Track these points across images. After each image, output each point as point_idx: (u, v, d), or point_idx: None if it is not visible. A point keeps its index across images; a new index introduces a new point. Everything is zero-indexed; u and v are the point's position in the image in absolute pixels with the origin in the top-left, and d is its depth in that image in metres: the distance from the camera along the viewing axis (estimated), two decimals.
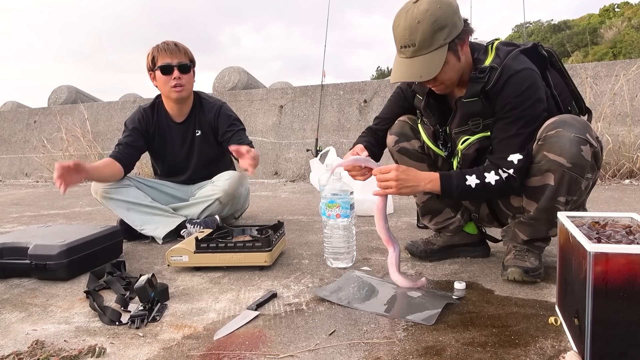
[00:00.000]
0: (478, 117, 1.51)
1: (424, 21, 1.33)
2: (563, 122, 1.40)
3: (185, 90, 2.39)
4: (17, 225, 3.00)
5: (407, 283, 1.47)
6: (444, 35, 1.36)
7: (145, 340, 1.21)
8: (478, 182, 1.45)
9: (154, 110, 2.50)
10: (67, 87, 7.42)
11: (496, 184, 1.44)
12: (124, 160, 2.35)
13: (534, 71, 1.45)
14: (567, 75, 1.61)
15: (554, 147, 1.38)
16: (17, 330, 1.31)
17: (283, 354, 1.10)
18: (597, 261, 0.90)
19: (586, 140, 1.37)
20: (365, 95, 5.19)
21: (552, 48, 1.61)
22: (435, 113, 1.61)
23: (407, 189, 1.48)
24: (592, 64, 4.47)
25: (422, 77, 1.40)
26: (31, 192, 5.25)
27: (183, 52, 2.38)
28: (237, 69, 6.19)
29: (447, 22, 1.35)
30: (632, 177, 3.96)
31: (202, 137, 2.51)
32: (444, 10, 1.35)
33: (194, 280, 1.68)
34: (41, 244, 1.76)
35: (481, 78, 1.45)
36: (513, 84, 1.42)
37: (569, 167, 1.38)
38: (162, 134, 2.51)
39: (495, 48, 1.49)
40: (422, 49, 1.37)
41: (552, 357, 1.04)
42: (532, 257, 1.54)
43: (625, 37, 25.47)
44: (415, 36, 1.35)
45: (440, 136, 1.65)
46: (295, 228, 2.51)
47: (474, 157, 1.56)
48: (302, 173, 5.18)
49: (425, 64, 1.38)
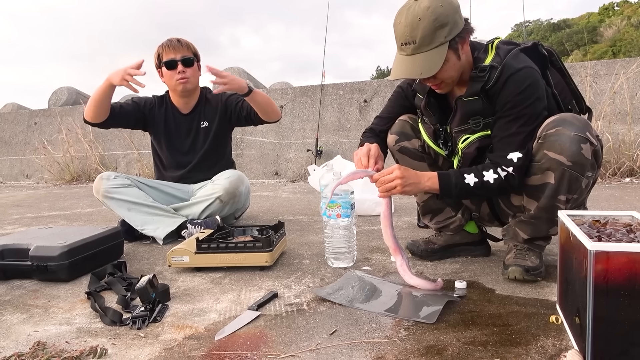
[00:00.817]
0: (478, 116, 1.51)
1: (425, 18, 1.34)
2: (563, 120, 1.40)
3: (190, 82, 2.45)
4: (18, 227, 3.00)
5: (428, 285, 1.45)
6: (445, 33, 1.36)
7: (147, 341, 1.22)
8: (477, 180, 1.45)
9: (162, 101, 2.59)
10: (68, 88, 7.42)
11: (495, 183, 1.44)
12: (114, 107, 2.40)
13: (534, 70, 1.46)
14: (567, 74, 1.61)
15: (554, 145, 1.38)
16: (19, 332, 1.31)
17: (284, 354, 1.10)
18: (598, 260, 0.90)
19: (586, 138, 1.37)
20: (365, 95, 5.20)
21: (552, 47, 1.61)
22: (436, 112, 1.61)
23: (410, 187, 1.48)
24: (592, 63, 4.47)
25: (423, 74, 1.40)
26: (32, 193, 5.26)
27: (186, 46, 2.44)
28: (237, 69, 6.19)
29: (448, 20, 1.35)
30: (632, 176, 3.96)
31: (208, 128, 2.57)
32: (445, 8, 1.35)
33: (195, 281, 1.69)
34: (42, 245, 1.76)
35: (481, 77, 1.45)
36: (513, 82, 1.42)
37: (569, 165, 1.38)
38: (168, 125, 2.57)
39: (496, 47, 1.50)
40: (423, 46, 1.37)
41: (553, 356, 1.04)
42: (533, 256, 1.54)
43: (624, 35, 25.45)
44: (416, 33, 1.35)
45: (441, 135, 1.65)
46: (296, 228, 2.51)
47: (475, 156, 1.56)
48: (303, 173, 5.18)
49: (425, 61, 1.38)
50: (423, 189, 1.50)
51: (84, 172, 6.33)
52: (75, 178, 6.30)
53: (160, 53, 2.43)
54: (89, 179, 6.14)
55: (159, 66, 2.46)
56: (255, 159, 5.49)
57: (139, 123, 2.57)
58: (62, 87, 7.44)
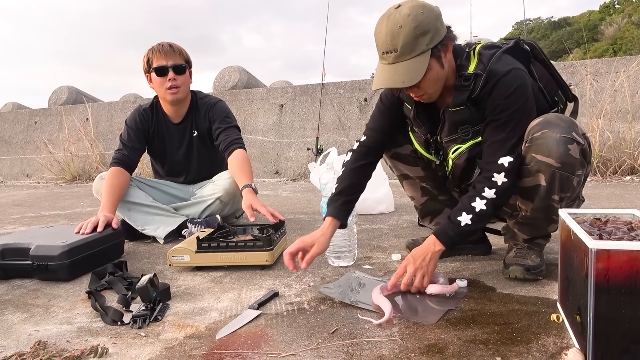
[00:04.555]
0: (467, 125, 1.50)
1: (405, 26, 1.30)
2: (548, 122, 1.38)
3: (181, 91, 2.36)
4: (18, 226, 3.01)
5: (441, 289, 1.40)
6: (427, 41, 1.32)
7: (148, 340, 1.22)
8: (471, 216, 1.40)
9: (152, 111, 2.49)
10: (68, 87, 7.42)
11: (488, 206, 1.39)
12: (130, 165, 2.37)
13: (520, 70, 1.44)
14: (550, 65, 1.60)
15: (541, 148, 1.37)
16: (20, 331, 1.31)
17: (285, 353, 1.10)
18: (599, 258, 0.90)
19: (572, 139, 1.35)
20: (366, 94, 5.19)
21: (533, 40, 1.60)
22: (425, 122, 1.59)
23: (428, 263, 1.41)
24: (593, 61, 4.46)
25: (405, 82, 1.35)
26: (32, 192, 5.26)
27: (178, 52, 2.35)
28: (237, 68, 6.19)
29: (430, 28, 1.32)
30: (633, 174, 3.95)
31: (199, 138, 2.51)
32: (426, 16, 1.31)
33: (196, 280, 1.69)
34: (43, 244, 1.76)
35: (466, 86, 1.43)
36: (501, 86, 1.40)
37: (558, 167, 1.36)
38: (161, 135, 2.51)
39: (478, 53, 1.46)
40: (404, 54, 1.32)
41: (554, 354, 1.04)
42: (534, 255, 1.54)
43: (625, 33, 25.40)
44: (397, 41, 1.31)
45: (432, 145, 1.64)
46: (296, 227, 2.51)
47: (464, 167, 1.56)
48: (303, 172, 5.18)
49: (407, 70, 1.34)
50: (437, 255, 1.43)
51: (84, 171, 6.33)
52: (76, 177, 6.31)
53: (150, 58, 2.33)
54: (90, 178, 6.15)
55: (147, 71, 2.36)
56: (256, 158, 5.49)
57: (150, 141, 2.53)
58: (63, 86, 7.45)
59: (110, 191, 2.20)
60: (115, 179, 2.26)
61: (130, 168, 2.36)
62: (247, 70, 6.27)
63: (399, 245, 2.02)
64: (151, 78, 2.37)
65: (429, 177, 1.78)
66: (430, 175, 1.78)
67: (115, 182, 2.25)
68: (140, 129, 2.46)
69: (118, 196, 2.23)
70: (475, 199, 1.40)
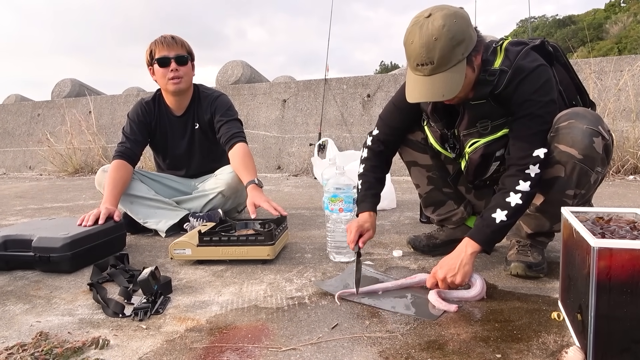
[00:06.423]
0: (486, 119, 1.49)
1: (441, 37, 1.27)
2: (575, 114, 1.39)
3: (183, 82, 2.37)
4: (20, 218, 3.01)
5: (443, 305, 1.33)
6: (462, 50, 1.31)
7: (149, 332, 1.22)
8: (506, 212, 1.37)
9: (155, 104, 2.50)
10: (71, 80, 7.42)
11: (523, 200, 1.37)
12: (133, 157, 2.37)
13: (547, 67, 1.44)
14: (571, 69, 1.60)
15: (565, 138, 1.37)
16: (21, 322, 1.31)
17: (285, 347, 1.10)
18: (601, 256, 0.90)
19: (598, 132, 1.36)
20: (369, 90, 5.18)
21: (557, 43, 1.60)
22: (443, 117, 1.58)
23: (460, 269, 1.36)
24: (597, 60, 4.44)
25: (445, 95, 1.33)
26: (35, 184, 5.27)
27: (180, 44, 2.37)
28: (240, 62, 6.17)
29: (465, 37, 1.30)
30: (636, 173, 3.94)
31: (201, 131, 2.51)
32: (460, 24, 1.29)
33: (197, 273, 1.69)
34: (45, 236, 1.77)
35: (491, 81, 1.42)
36: (529, 81, 1.40)
37: (580, 158, 1.36)
38: (163, 128, 2.51)
39: (505, 49, 1.46)
40: (441, 66, 1.30)
41: (554, 352, 1.04)
42: (535, 252, 1.54)
43: (630, 32, 25.28)
44: (433, 54, 1.28)
45: (449, 139, 1.63)
46: (298, 222, 2.51)
47: (479, 163, 1.55)
48: (305, 167, 5.18)
49: (445, 82, 1.32)
50: (471, 259, 1.39)
51: (86, 164, 6.34)
52: (78, 170, 6.31)
53: (153, 49, 2.35)
54: (92, 171, 6.15)
55: (150, 63, 2.38)
56: (258, 153, 5.48)
57: (152, 134, 2.53)
58: (66, 79, 7.44)
59: (113, 184, 2.21)
60: (118, 172, 2.27)
61: (132, 161, 2.36)
62: (250, 64, 6.26)
63: (400, 242, 2.02)
64: (154, 70, 2.38)
65: (436, 167, 1.78)
66: (437, 165, 1.78)
67: (117, 175, 2.26)
68: (143, 122, 2.46)
69: (120, 189, 2.24)
70: (510, 194, 1.39)
